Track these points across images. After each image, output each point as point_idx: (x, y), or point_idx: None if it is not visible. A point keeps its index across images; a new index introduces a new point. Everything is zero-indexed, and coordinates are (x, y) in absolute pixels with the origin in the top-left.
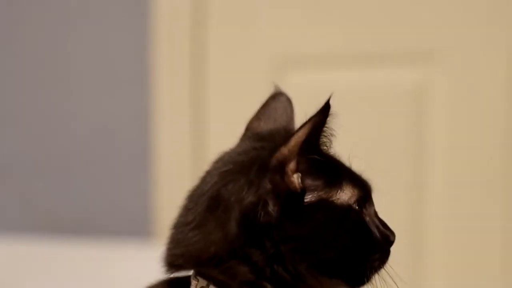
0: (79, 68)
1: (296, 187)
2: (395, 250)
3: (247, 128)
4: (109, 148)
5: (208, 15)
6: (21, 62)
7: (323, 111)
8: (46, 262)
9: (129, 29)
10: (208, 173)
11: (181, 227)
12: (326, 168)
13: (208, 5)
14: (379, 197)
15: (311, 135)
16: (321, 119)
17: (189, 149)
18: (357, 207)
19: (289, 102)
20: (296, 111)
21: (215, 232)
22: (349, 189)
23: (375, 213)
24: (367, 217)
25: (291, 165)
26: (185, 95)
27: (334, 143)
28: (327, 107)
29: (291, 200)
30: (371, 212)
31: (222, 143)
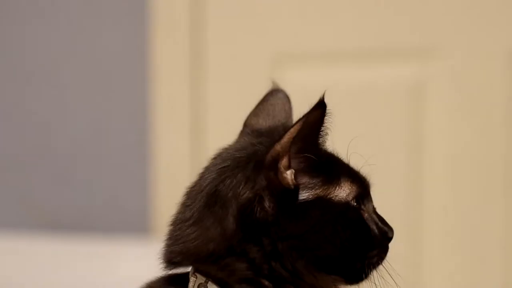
0: (77, 64)
1: (289, 183)
2: (393, 246)
3: (245, 124)
4: (107, 144)
5: (207, 11)
6: (19, 59)
7: (316, 108)
8: (44, 258)
9: (128, 24)
10: (206, 170)
11: (180, 224)
12: (323, 165)
13: (207, 1)
14: (378, 193)
15: (303, 132)
16: (315, 116)
17: (188, 146)
18: (355, 204)
19: (287, 98)
20: (295, 108)
21: (213, 228)
22: (348, 185)
23: (374, 209)
24: (365, 214)
25: (284, 162)
26: (183, 91)
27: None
28: (320, 104)
29: (286, 197)
30: (370, 208)
31: (221, 140)
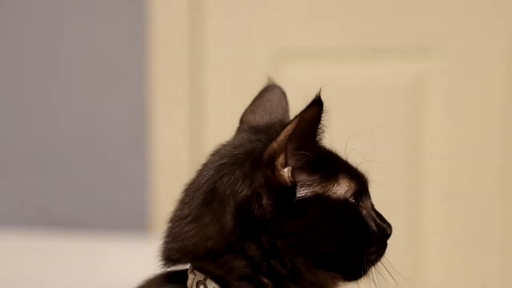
0: (76, 64)
1: (286, 181)
2: (392, 243)
3: (242, 120)
4: (106, 142)
5: (206, 8)
6: (19, 58)
7: (312, 105)
8: (43, 256)
9: (126, 23)
10: (204, 166)
11: (178, 221)
12: (321, 162)
13: None
14: (376, 190)
15: (299, 130)
16: (311, 113)
17: (186, 143)
18: (353, 201)
19: (283, 94)
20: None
21: (211, 225)
22: (346, 182)
23: (372, 206)
24: (363, 210)
25: (280, 159)
26: (182, 89)
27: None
28: (316, 101)
29: (284, 194)
30: (368, 205)
31: (219, 136)
